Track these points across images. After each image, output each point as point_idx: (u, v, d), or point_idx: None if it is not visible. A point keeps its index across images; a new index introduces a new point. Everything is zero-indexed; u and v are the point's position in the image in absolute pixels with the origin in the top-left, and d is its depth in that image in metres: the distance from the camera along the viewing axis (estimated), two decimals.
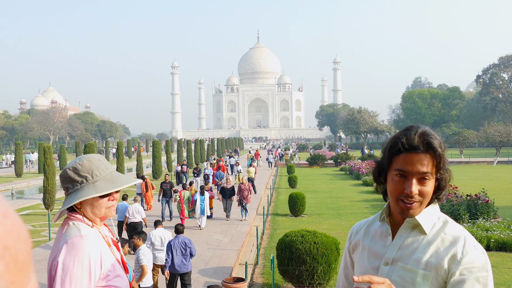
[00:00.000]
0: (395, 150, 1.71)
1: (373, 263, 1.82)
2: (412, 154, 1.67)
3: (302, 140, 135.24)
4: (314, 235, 9.53)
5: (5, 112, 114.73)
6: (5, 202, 0.48)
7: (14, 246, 0.46)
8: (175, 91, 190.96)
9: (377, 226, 1.88)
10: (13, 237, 0.46)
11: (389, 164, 1.76)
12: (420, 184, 1.68)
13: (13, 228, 0.47)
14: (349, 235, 2.03)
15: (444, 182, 1.73)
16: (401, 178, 1.70)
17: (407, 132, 1.70)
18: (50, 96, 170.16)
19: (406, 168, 1.68)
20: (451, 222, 1.76)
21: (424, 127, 1.72)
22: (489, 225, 14.05)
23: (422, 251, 1.70)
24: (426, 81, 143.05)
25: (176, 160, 46.35)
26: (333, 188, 28.92)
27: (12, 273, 0.45)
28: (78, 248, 2.06)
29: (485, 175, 35.49)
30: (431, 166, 1.68)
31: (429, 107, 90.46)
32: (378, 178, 1.82)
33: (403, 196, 1.69)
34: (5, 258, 0.44)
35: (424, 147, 1.66)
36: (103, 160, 2.28)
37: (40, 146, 44.11)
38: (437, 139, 1.70)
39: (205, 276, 10.62)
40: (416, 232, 1.75)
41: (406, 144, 1.68)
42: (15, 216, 0.48)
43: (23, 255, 0.47)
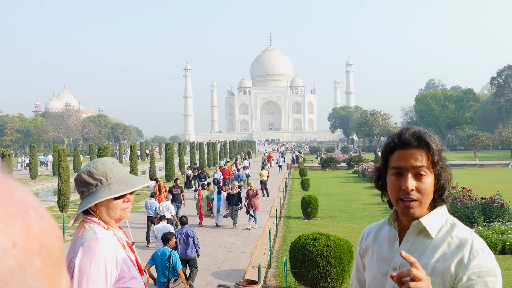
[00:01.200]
0: (389, 148, 1.74)
1: (382, 268, 1.81)
2: (405, 150, 1.69)
3: (315, 143, 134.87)
4: (327, 238, 9.51)
5: (20, 115, 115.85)
6: (41, 204, 0.51)
7: (49, 244, 0.49)
8: (188, 94, 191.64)
9: (386, 231, 1.87)
10: (48, 235, 0.49)
11: (385, 165, 1.77)
12: (417, 180, 1.67)
13: (48, 227, 0.50)
14: (360, 239, 2.03)
15: (444, 179, 1.70)
16: (397, 176, 1.70)
17: (400, 132, 1.73)
18: (64, 99, 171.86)
19: (400, 164, 1.69)
20: (459, 225, 1.73)
21: (419, 127, 1.73)
22: (504, 228, 13.90)
23: (428, 256, 1.68)
24: (439, 83, 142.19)
25: (189, 162, 46.45)
26: (346, 191, 28.82)
27: (48, 268, 0.48)
28: (94, 251, 2.09)
29: (500, 178, 35.12)
30: (426, 160, 1.67)
31: (442, 109, 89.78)
32: (378, 183, 1.84)
33: (401, 195, 1.68)
34: (42, 254, 0.47)
35: (416, 141, 1.67)
36: (116, 163, 2.31)
37: (55, 149, 44.47)
38: (431, 136, 1.70)
39: (218, 279, 10.63)
40: (423, 236, 1.72)
41: (398, 140, 1.70)
42: (49, 217, 0.51)
43: (57, 252, 0.50)
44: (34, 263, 0.46)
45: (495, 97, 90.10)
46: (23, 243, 0.45)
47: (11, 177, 0.48)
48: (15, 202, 0.47)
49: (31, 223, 0.47)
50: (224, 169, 28.80)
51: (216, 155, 56.19)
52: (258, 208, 16.87)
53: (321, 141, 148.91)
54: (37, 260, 0.47)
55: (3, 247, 0.43)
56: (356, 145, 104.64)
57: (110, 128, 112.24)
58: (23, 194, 0.49)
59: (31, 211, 0.48)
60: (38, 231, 0.48)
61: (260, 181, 26.56)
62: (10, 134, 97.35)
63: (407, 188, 1.65)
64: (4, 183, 0.46)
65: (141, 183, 2.30)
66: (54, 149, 44.71)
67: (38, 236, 0.48)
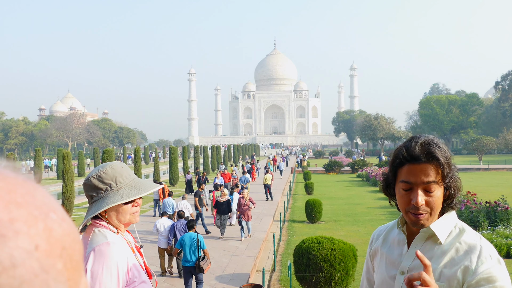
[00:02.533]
0: (398, 162, 1.71)
1: (390, 271, 1.81)
2: (415, 165, 1.66)
3: (319, 147, 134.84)
4: (331, 242, 9.50)
5: (25, 118, 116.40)
6: (61, 207, 0.52)
7: (70, 247, 0.50)
8: (192, 98, 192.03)
9: (395, 234, 1.88)
10: (69, 238, 0.50)
11: (394, 176, 1.76)
12: (426, 195, 1.67)
13: (69, 230, 0.50)
14: (370, 240, 2.04)
15: (453, 190, 1.70)
16: (406, 191, 1.69)
17: (408, 143, 1.70)
18: (68, 103, 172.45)
19: (410, 179, 1.67)
20: (468, 230, 1.73)
21: (427, 136, 1.71)
22: (509, 232, 13.87)
23: (436, 261, 1.68)
24: (444, 88, 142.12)
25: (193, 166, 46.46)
26: (350, 194, 28.77)
27: (69, 271, 0.49)
28: (106, 255, 2.09)
29: (505, 182, 35.01)
30: (436, 175, 1.65)
31: (447, 114, 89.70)
32: (386, 191, 1.83)
33: (411, 208, 1.68)
34: (63, 257, 0.48)
35: (426, 157, 1.65)
36: (126, 167, 2.32)
37: (59, 152, 44.60)
38: (440, 148, 1.67)
39: (222, 283, 10.63)
40: (432, 241, 1.73)
41: (407, 155, 1.67)
42: (70, 220, 0.52)
43: (77, 255, 0.51)
44: (56, 265, 0.47)
45: (499, 102, 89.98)
46: (45, 245, 0.46)
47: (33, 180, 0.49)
48: (38, 204, 0.48)
49: (52, 225, 0.48)
50: (224, 174, 28.16)
51: (220, 158, 56.23)
52: (251, 218, 15.61)
53: (325, 145, 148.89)
54: (59, 262, 0.47)
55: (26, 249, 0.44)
56: (361, 149, 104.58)
57: (114, 132, 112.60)
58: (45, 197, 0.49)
59: (52, 214, 0.49)
60: (59, 234, 0.48)
61: (264, 185, 26.55)
62: (15, 137, 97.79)
63: (417, 204, 1.65)
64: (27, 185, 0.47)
65: (151, 188, 2.30)
66: (59, 153, 44.84)
67: (60, 239, 0.48)
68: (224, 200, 15.79)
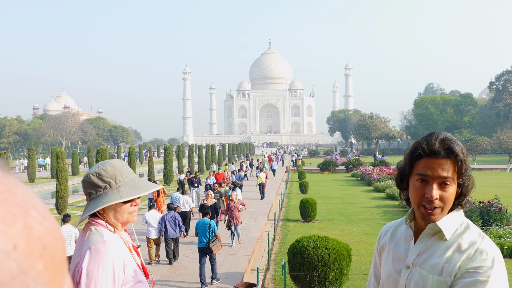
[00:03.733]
0: (416, 155, 1.74)
1: (396, 266, 1.85)
2: (433, 159, 1.70)
3: (313, 146, 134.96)
4: (326, 241, 9.52)
5: (18, 117, 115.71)
6: (43, 205, 0.50)
7: (52, 246, 0.48)
8: (186, 97, 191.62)
9: (403, 230, 1.91)
10: (51, 237, 0.48)
11: (410, 169, 1.78)
12: (441, 189, 1.70)
13: (51, 228, 0.48)
14: (379, 236, 2.08)
15: (466, 188, 1.73)
16: (422, 183, 1.72)
17: (429, 138, 1.73)
18: (62, 101, 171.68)
19: (427, 172, 1.70)
20: (472, 227, 1.76)
21: (446, 133, 1.75)
22: (502, 232, 13.95)
23: (439, 256, 1.71)
24: (438, 87, 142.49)
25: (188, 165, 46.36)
26: (345, 194, 28.82)
27: (51, 272, 0.47)
28: (102, 254, 2.07)
29: (498, 182, 35.16)
30: (452, 171, 1.69)
31: (441, 114, 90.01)
32: (400, 184, 1.85)
33: (424, 201, 1.71)
34: (44, 257, 0.46)
35: (445, 152, 1.69)
36: (126, 166, 2.30)
37: (53, 151, 44.42)
38: (459, 145, 1.71)
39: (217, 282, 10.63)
40: (438, 237, 1.76)
41: (427, 149, 1.71)
42: (52, 218, 0.50)
43: (60, 255, 0.49)
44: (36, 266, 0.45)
45: (493, 102, 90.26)
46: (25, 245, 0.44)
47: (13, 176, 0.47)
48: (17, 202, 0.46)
49: (33, 224, 0.46)
50: (218, 174, 26.78)
51: (215, 157, 56.17)
52: (240, 222, 14.85)
53: (320, 144, 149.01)
54: (39, 263, 0.45)
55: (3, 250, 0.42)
56: (355, 148, 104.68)
57: (109, 131, 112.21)
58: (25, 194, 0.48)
59: (33, 212, 0.47)
60: (40, 233, 0.46)
61: (258, 184, 26.57)
62: (8, 136, 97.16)
63: (431, 197, 1.68)
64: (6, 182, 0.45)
65: (151, 188, 2.28)
66: (53, 152, 44.66)
67: (41, 237, 0.46)
68: (211, 203, 14.89)
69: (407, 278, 1.78)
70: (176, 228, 12.34)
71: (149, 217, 12.58)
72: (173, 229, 12.27)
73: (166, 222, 12.24)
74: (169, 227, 12.18)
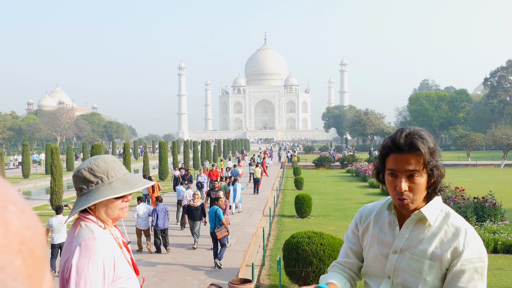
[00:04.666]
0: (385, 152, 1.89)
1: (382, 250, 1.97)
2: (399, 155, 1.83)
3: (309, 142, 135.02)
4: (321, 237, 9.53)
5: (13, 113, 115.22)
6: (21, 198, 0.49)
7: (31, 241, 0.46)
8: (181, 92, 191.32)
9: (386, 215, 2.03)
10: (30, 232, 0.47)
11: (382, 165, 1.93)
12: (410, 181, 1.83)
13: (29, 223, 0.47)
14: (360, 215, 2.15)
15: (436, 177, 1.85)
16: (393, 177, 1.86)
17: (394, 135, 1.87)
18: (57, 97, 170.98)
19: (395, 167, 1.84)
20: (453, 214, 1.91)
21: (413, 128, 1.87)
22: (496, 228, 14.00)
23: (427, 242, 1.86)
24: (433, 84, 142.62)
25: (183, 161, 46.29)
26: (340, 190, 28.87)
27: (29, 267, 0.46)
28: (92, 250, 2.04)
29: (492, 178, 35.32)
30: (418, 163, 1.81)
31: (436, 110, 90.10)
32: (378, 178, 1.98)
33: (396, 194, 1.85)
34: (22, 253, 0.45)
35: (408, 147, 1.81)
36: (117, 161, 2.27)
37: (48, 147, 44.30)
38: (423, 139, 1.82)
39: (211, 277, 10.64)
40: (422, 224, 1.90)
41: (392, 145, 1.85)
42: (31, 212, 0.49)
43: (39, 250, 0.48)
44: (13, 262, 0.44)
45: (488, 98, 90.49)
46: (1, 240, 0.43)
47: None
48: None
49: (10, 218, 0.45)
50: (212, 171, 25.70)
51: (210, 153, 56.11)
52: (228, 223, 13.42)
53: (315, 140, 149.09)
54: (17, 259, 0.44)
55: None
56: (350, 144, 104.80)
57: (104, 126, 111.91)
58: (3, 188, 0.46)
59: (10, 206, 0.46)
60: (18, 228, 0.45)
61: (253, 179, 26.57)
62: (2, 132, 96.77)
63: (400, 190, 1.82)
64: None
65: (143, 184, 2.26)
66: (47, 147, 44.55)
67: (18, 233, 0.45)
68: (198, 204, 13.73)
69: (395, 262, 1.90)
70: (165, 219, 13.08)
71: (139, 210, 13.44)
72: (164, 221, 13.02)
73: (157, 214, 12.97)
74: (160, 219, 12.93)
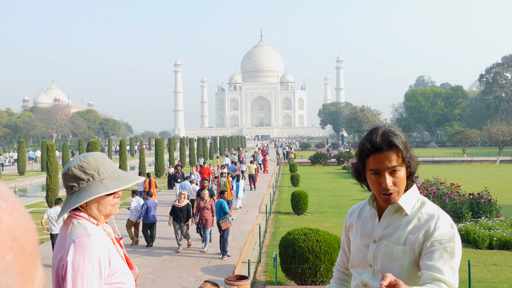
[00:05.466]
0: (364, 154, 1.99)
1: (364, 241, 2.12)
2: (379, 154, 1.94)
3: (305, 139, 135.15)
4: (317, 233, 9.54)
5: (8, 109, 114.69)
6: (12, 195, 0.49)
7: (22, 237, 0.47)
8: (178, 89, 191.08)
9: (367, 210, 2.19)
10: (21, 228, 0.47)
11: (363, 166, 2.03)
12: (393, 176, 1.96)
13: (21, 219, 0.48)
14: (346, 217, 2.35)
15: (413, 168, 2.00)
16: (376, 176, 1.97)
17: (370, 136, 1.98)
18: (53, 94, 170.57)
19: (377, 167, 1.95)
20: (428, 203, 2.03)
21: (384, 126, 2.00)
22: (492, 224, 14.03)
23: (402, 229, 1.99)
24: (429, 80, 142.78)
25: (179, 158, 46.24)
26: (336, 186, 28.90)
27: (21, 263, 0.46)
28: (87, 247, 2.05)
29: (488, 174, 35.42)
30: (397, 159, 1.94)
31: (432, 106, 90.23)
32: (359, 178, 2.10)
33: (382, 191, 1.96)
34: (14, 249, 0.45)
35: (387, 146, 1.93)
36: (107, 158, 2.27)
37: (43, 144, 44.09)
38: (397, 135, 1.95)
39: (208, 274, 10.64)
40: (399, 213, 2.03)
41: (371, 147, 1.95)
42: (22, 209, 0.49)
43: (30, 246, 0.48)
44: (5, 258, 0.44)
45: (483, 94, 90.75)
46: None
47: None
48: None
49: (1, 215, 0.45)
50: (203, 168, 25.12)
51: (206, 150, 56.07)
52: (211, 224, 12.76)
53: (311, 137, 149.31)
54: (9, 255, 0.45)
55: None
56: (346, 141, 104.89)
57: (100, 123, 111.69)
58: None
59: (1, 203, 0.46)
60: (9, 224, 0.46)
61: (248, 175, 26.56)
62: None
63: (386, 186, 1.94)
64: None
65: (134, 180, 2.27)
66: (43, 145, 44.32)
67: (10, 229, 0.45)
68: (183, 205, 12.87)
69: (374, 251, 2.04)
70: (154, 214, 13.44)
71: (133, 203, 14.02)
72: (153, 215, 13.34)
73: (148, 207, 13.31)
74: (149, 213, 13.25)
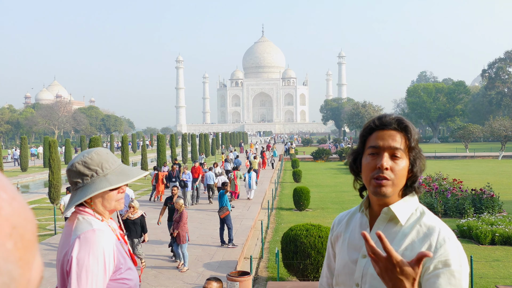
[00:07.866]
0: (368, 130, 1.77)
1: (352, 255, 1.79)
2: (384, 131, 1.72)
3: (306, 134, 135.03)
4: (319, 229, 9.55)
5: (10, 106, 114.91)
6: (12, 185, 0.51)
7: (21, 226, 0.49)
8: (179, 85, 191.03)
9: (357, 218, 1.86)
10: (20, 218, 0.49)
11: (363, 146, 1.78)
12: (392, 160, 1.69)
13: (20, 209, 0.50)
14: (332, 226, 2.01)
15: (418, 167, 1.72)
16: (373, 157, 1.71)
17: (381, 115, 1.77)
18: (55, 91, 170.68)
19: (378, 143, 1.71)
20: (428, 213, 1.73)
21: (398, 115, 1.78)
22: (494, 220, 14.01)
23: (397, 243, 1.67)
24: (431, 76, 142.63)
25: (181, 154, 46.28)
26: (338, 182, 28.87)
27: (20, 251, 0.48)
28: (92, 243, 2.06)
29: (490, 170, 35.37)
30: (403, 143, 1.70)
31: (434, 102, 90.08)
32: (353, 166, 1.82)
33: (375, 174, 1.68)
34: (13, 237, 0.47)
35: (396, 123, 1.71)
36: (110, 153, 2.27)
37: (45, 141, 44.14)
38: (410, 123, 1.74)
39: (210, 270, 10.65)
40: (393, 223, 1.72)
41: (378, 122, 1.74)
42: (21, 199, 0.51)
43: (29, 234, 0.50)
44: (5, 245, 0.46)
45: (486, 90, 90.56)
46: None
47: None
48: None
49: (1, 204, 0.47)
50: (194, 167, 22.69)
51: (208, 146, 56.07)
52: (185, 240, 10.58)
53: (313, 133, 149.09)
54: (8, 242, 0.46)
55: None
56: (348, 136, 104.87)
57: (101, 120, 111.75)
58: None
59: (1, 193, 0.48)
60: (9, 213, 0.47)
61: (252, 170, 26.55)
62: (0, 126, 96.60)
63: (382, 166, 1.66)
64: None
65: (138, 174, 2.27)
66: (45, 141, 44.38)
67: (9, 218, 0.47)
68: (136, 217, 10.67)
69: (363, 267, 1.72)
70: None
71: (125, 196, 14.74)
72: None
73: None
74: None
